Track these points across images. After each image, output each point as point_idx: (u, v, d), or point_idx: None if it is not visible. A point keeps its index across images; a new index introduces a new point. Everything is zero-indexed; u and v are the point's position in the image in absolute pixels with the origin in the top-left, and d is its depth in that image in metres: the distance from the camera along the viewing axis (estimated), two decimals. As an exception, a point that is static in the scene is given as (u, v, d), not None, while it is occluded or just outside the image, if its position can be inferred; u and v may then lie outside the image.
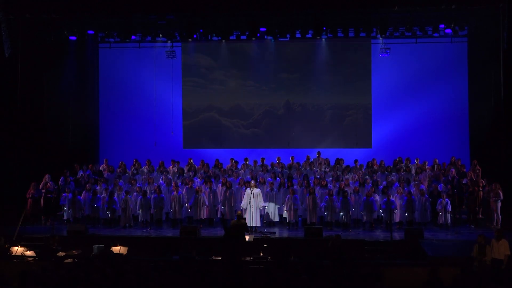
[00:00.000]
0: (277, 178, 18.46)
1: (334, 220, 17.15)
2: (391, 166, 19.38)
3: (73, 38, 20.70)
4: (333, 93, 21.74)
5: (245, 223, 14.47)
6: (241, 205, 17.09)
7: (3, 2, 18.01)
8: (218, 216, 18.04)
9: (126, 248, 13.82)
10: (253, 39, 20.64)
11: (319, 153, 20.14)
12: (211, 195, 17.77)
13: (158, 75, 22.14)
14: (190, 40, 21.03)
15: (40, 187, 18.34)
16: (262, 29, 20.14)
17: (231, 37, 20.76)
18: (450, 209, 16.80)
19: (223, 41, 21.49)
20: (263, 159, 19.86)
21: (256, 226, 16.88)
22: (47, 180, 18.47)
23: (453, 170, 18.42)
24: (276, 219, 17.75)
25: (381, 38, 20.23)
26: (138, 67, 22.34)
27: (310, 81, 21.83)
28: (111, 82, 22.65)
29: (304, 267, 10.65)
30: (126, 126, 22.52)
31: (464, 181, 17.86)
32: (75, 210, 17.78)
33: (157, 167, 19.73)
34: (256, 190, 17.10)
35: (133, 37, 20.85)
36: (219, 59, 22.11)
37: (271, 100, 21.93)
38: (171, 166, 19.78)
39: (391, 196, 17.08)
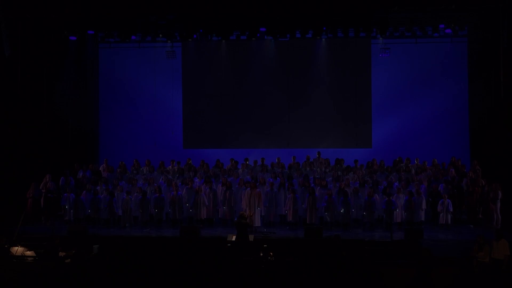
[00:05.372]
0: (277, 178, 18.46)
1: (334, 220, 17.17)
2: (391, 166, 19.39)
3: (73, 38, 20.75)
4: (333, 93, 21.71)
5: (246, 223, 14.48)
6: (243, 206, 17.09)
7: (3, 2, 18.01)
8: (219, 216, 18.06)
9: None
10: (253, 39, 20.69)
11: (319, 153, 20.15)
12: (211, 195, 17.78)
13: (158, 75, 22.15)
14: (190, 40, 21.08)
15: (40, 187, 18.36)
16: (262, 29, 20.20)
17: (231, 37, 20.81)
18: (451, 210, 16.82)
19: (223, 41, 21.51)
20: (263, 159, 19.86)
21: (256, 226, 16.88)
22: (47, 180, 18.47)
23: (453, 170, 18.44)
24: (276, 219, 17.76)
25: (381, 38, 20.26)
26: (138, 67, 22.35)
27: (310, 81, 21.79)
28: (111, 82, 22.67)
29: (304, 267, 10.66)
30: (126, 126, 22.53)
31: (464, 181, 17.87)
32: (77, 211, 17.79)
33: (157, 167, 19.74)
34: (256, 191, 17.11)
35: (133, 37, 20.91)
36: (219, 59, 22.09)
37: (271, 100, 21.88)
38: (170, 166, 19.79)
39: (392, 196, 17.08)
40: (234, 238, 14.27)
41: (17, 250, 13.60)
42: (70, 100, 21.40)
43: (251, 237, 14.62)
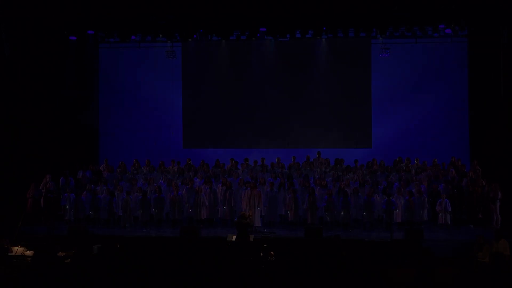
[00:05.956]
0: (277, 178, 18.46)
1: (334, 220, 17.17)
2: (391, 166, 19.39)
3: (73, 38, 20.74)
4: (333, 93, 21.72)
5: (247, 223, 14.49)
6: (243, 206, 17.09)
7: (3, 2, 18.01)
8: (219, 216, 18.06)
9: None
10: (253, 39, 20.70)
11: (319, 153, 20.14)
12: (211, 195, 17.77)
13: (158, 75, 22.18)
14: (190, 40, 21.09)
15: (40, 187, 18.35)
16: (262, 29, 20.20)
17: (231, 37, 20.81)
18: (450, 209, 16.81)
19: (223, 41, 21.51)
20: (263, 159, 19.86)
21: (256, 226, 16.88)
22: (47, 180, 18.47)
23: (453, 170, 18.43)
24: (276, 219, 17.76)
25: (381, 38, 20.25)
26: (138, 67, 22.37)
27: (310, 81, 21.80)
28: (111, 82, 22.67)
29: (304, 267, 10.65)
30: (126, 126, 22.53)
31: (464, 181, 17.87)
32: (78, 211, 17.78)
33: (157, 167, 19.73)
34: (256, 191, 17.10)
35: (133, 37, 20.91)
36: (219, 59, 22.08)
37: (271, 100, 21.88)
38: (170, 166, 19.79)
39: (392, 196, 17.08)
40: (234, 238, 14.28)
41: (17, 250, 13.61)
42: (70, 100, 21.39)
43: (251, 237, 14.63)
